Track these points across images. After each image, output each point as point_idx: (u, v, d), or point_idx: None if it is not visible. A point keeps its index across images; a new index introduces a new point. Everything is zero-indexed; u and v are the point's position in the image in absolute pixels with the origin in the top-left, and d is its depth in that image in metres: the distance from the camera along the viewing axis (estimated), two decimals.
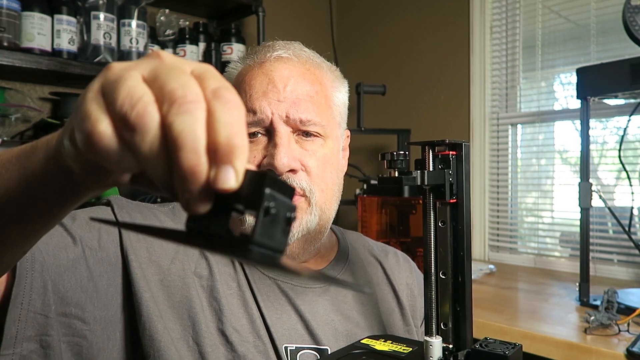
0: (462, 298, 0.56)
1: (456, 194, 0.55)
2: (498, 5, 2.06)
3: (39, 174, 0.39)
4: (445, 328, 0.57)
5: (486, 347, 0.53)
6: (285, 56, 0.75)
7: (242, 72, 0.77)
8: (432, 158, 0.55)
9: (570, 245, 1.87)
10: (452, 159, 0.55)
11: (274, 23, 2.13)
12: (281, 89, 0.71)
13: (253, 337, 0.67)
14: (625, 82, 1.25)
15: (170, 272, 0.68)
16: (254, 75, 0.73)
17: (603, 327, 1.11)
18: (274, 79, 0.72)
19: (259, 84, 0.72)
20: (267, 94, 0.71)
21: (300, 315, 0.72)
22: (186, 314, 0.66)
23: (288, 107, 0.70)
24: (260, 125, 0.71)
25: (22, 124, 1.56)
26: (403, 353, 0.60)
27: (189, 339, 0.65)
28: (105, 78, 0.31)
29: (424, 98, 2.24)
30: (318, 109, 0.73)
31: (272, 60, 0.74)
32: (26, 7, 1.44)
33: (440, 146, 0.55)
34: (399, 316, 0.83)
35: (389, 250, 0.92)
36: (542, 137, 2.00)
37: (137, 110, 0.28)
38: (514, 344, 0.53)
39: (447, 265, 0.57)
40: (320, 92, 0.75)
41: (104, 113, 0.30)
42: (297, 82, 0.73)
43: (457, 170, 0.55)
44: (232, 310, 0.68)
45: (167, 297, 0.66)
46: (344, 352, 0.61)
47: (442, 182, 0.55)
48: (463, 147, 0.55)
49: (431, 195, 0.56)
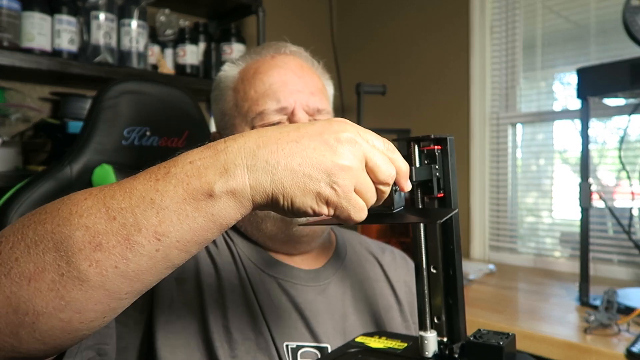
0: (454, 291, 0.57)
1: (443, 188, 0.56)
2: (498, 5, 2.06)
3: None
4: (438, 322, 0.58)
5: (480, 338, 0.54)
6: (296, 50, 0.81)
7: (252, 65, 0.79)
8: (418, 154, 0.56)
9: (570, 246, 1.87)
10: (438, 154, 0.55)
11: (274, 23, 2.13)
12: (298, 80, 0.76)
13: (255, 335, 0.68)
14: (625, 82, 1.25)
15: (184, 270, 0.70)
16: (270, 67, 0.77)
17: (603, 327, 1.11)
18: (291, 70, 0.77)
19: (277, 74, 0.76)
20: (287, 83, 0.75)
21: (301, 313, 0.72)
22: (198, 310, 0.67)
23: (307, 97, 0.75)
24: (283, 113, 0.74)
25: (22, 124, 1.56)
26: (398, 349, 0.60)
27: (202, 334, 0.66)
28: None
29: (423, 98, 2.24)
30: (326, 101, 0.80)
31: (284, 54, 0.79)
32: (26, 7, 1.44)
33: (425, 141, 0.56)
34: (398, 312, 0.83)
35: (386, 248, 0.93)
36: (542, 137, 2.00)
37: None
38: (508, 334, 0.54)
39: (438, 259, 0.58)
40: (323, 88, 0.81)
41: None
42: (309, 75, 0.78)
43: (443, 164, 0.55)
44: (235, 307, 0.69)
45: (181, 294, 0.67)
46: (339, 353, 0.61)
47: (430, 177, 0.55)
48: (448, 141, 0.55)
49: (419, 190, 0.56)
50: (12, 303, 0.40)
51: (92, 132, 1.01)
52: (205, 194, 0.41)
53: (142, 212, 0.41)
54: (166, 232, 0.41)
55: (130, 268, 0.41)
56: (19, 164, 1.45)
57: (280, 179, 0.42)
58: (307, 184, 0.42)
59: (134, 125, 1.06)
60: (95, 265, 0.40)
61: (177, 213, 0.41)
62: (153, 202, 0.41)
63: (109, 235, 0.40)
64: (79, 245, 0.40)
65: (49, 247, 0.41)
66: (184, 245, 0.43)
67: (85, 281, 0.40)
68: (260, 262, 0.75)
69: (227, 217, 0.43)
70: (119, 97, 1.04)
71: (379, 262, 0.88)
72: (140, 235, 0.41)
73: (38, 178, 0.96)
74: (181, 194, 0.41)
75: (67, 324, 0.42)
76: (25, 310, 0.40)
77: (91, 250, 0.40)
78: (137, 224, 0.41)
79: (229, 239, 0.77)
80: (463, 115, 2.11)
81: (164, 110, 1.11)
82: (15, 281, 0.40)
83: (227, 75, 0.82)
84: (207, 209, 0.42)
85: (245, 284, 0.71)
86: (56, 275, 0.40)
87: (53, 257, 0.40)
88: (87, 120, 1.03)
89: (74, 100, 1.57)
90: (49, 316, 0.41)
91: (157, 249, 0.41)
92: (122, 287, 0.42)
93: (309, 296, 0.75)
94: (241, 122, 0.76)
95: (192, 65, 1.87)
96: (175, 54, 1.87)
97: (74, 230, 0.41)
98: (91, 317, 0.42)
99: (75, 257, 0.40)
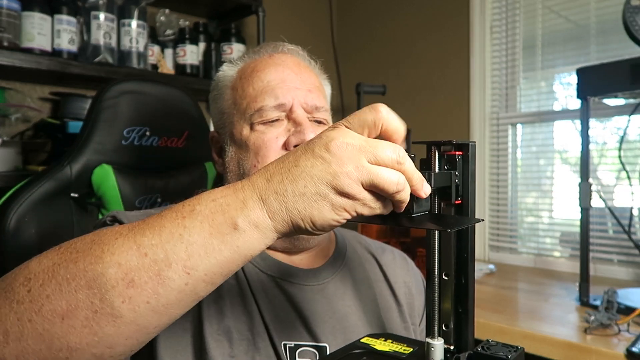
0: (465, 300, 0.56)
1: (462, 195, 0.55)
2: (498, 5, 2.06)
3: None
4: (447, 329, 0.57)
5: (488, 349, 0.53)
6: (293, 49, 0.82)
7: (250, 64, 0.80)
8: (438, 158, 0.55)
9: (570, 245, 1.87)
10: (459, 160, 0.54)
11: (274, 23, 2.13)
12: (296, 77, 0.77)
13: (253, 335, 0.67)
14: (625, 82, 1.25)
15: None
16: (268, 65, 0.78)
17: (603, 327, 1.11)
18: (289, 67, 0.78)
19: (274, 72, 0.77)
20: (285, 80, 0.76)
21: (299, 312, 0.72)
22: (196, 309, 0.67)
23: (305, 94, 0.76)
24: (282, 110, 0.75)
25: (22, 124, 1.56)
26: (404, 354, 0.59)
27: (196, 333, 0.66)
28: None
29: (423, 98, 2.24)
30: (324, 99, 0.80)
31: (282, 53, 0.81)
32: (26, 7, 1.44)
33: (447, 146, 0.55)
34: (397, 313, 0.83)
35: (386, 248, 0.93)
36: (542, 137, 2.00)
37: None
38: (517, 347, 0.53)
39: (450, 266, 0.56)
40: (321, 85, 0.82)
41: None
42: (307, 73, 0.79)
43: (464, 170, 0.54)
44: (232, 307, 0.69)
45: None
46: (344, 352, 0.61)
47: (448, 183, 0.54)
48: (470, 147, 0.54)
49: (436, 196, 0.56)
50: (46, 340, 0.41)
51: (91, 132, 1.01)
52: (230, 228, 0.44)
53: (172, 248, 0.43)
54: (195, 265, 0.43)
55: (160, 302, 0.43)
56: (19, 164, 1.45)
57: (294, 205, 0.44)
58: (319, 202, 0.44)
59: (134, 125, 1.06)
60: (129, 302, 0.42)
61: (204, 247, 0.43)
62: (182, 238, 0.43)
63: (141, 271, 0.42)
64: (112, 282, 0.42)
65: (81, 284, 0.42)
66: (211, 278, 0.45)
67: (118, 317, 0.42)
68: (258, 262, 0.75)
69: (252, 248, 0.45)
70: (118, 97, 1.04)
71: (379, 262, 0.88)
72: (171, 270, 0.43)
73: (38, 178, 0.96)
74: (207, 229, 0.44)
75: (98, 358, 0.43)
76: (60, 346, 0.42)
77: (124, 286, 0.42)
78: (168, 259, 0.43)
79: None
80: (463, 115, 2.11)
81: (163, 110, 1.11)
82: (47, 318, 0.42)
83: (226, 75, 0.83)
84: (232, 242, 0.44)
85: (242, 283, 0.71)
86: (90, 312, 0.42)
87: (86, 295, 0.42)
88: (86, 120, 1.02)
89: (74, 100, 1.56)
90: (82, 352, 0.42)
91: (187, 282, 0.43)
92: (152, 322, 0.44)
93: (308, 295, 0.74)
94: (239, 119, 0.76)
95: (192, 65, 1.87)
96: (175, 54, 1.87)
97: (107, 267, 0.42)
98: (120, 351, 0.44)
99: (109, 294, 0.42)
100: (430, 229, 0.54)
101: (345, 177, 0.43)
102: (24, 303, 0.43)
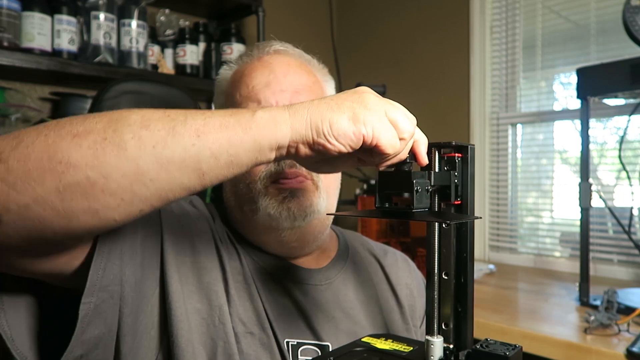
0: (464, 299, 0.57)
1: (461, 196, 0.56)
2: (498, 5, 2.06)
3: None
4: (446, 328, 0.57)
5: (487, 347, 0.53)
6: (282, 49, 0.80)
7: (240, 69, 0.80)
8: (438, 159, 0.56)
9: (570, 245, 1.87)
10: (458, 161, 0.55)
11: (274, 23, 2.13)
12: (282, 79, 0.75)
13: (258, 330, 0.68)
14: (625, 82, 1.25)
15: (200, 255, 0.70)
16: (255, 68, 0.77)
17: (603, 327, 1.11)
18: (274, 69, 0.76)
19: (260, 75, 0.76)
20: (270, 84, 0.75)
21: (302, 311, 0.73)
22: (213, 295, 0.67)
23: (290, 96, 0.74)
24: None
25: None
26: (404, 352, 0.60)
27: (215, 320, 0.66)
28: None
29: (423, 98, 2.24)
30: (316, 97, 0.77)
31: (271, 54, 0.79)
32: (26, 7, 1.44)
33: (447, 148, 0.56)
34: (399, 315, 0.83)
35: (388, 250, 0.93)
36: (542, 137, 2.00)
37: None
38: (515, 346, 0.54)
39: (450, 266, 0.57)
40: (316, 83, 0.79)
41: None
42: (296, 73, 0.77)
43: (463, 172, 0.56)
44: (241, 301, 0.69)
45: (197, 279, 0.67)
46: (345, 350, 0.61)
47: (448, 183, 0.55)
48: (469, 149, 0.55)
49: (436, 196, 0.56)
50: (50, 150, 0.44)
51: None
52: (249, 115, 0.49)
53: (192, 116, 0.48)
54: (206, 131, 0.47)
55: (164, 154, 0.45)
56: None
57: (317, 108, 0.50)
58: (341, 107, 0.50)
59: None
60: (137, 140, 0.45)
61: (220, 123, 0.48)
62: (204, 113, 0.48)
63: (158, 122, 0.46)
64: (130, 122, 0.46)
65: (103, 120, 0.46)
66: (217, 149, 0.47)
67: (123, 150, 0.44)
68: (264, 261, 0.75)
69: (264, 135, 0.48)
70: (119, 97, 1.04)
71: (381, 264, 0.88)
72: (184, 128, 0.46)
73: None
74: (229, 113, 0.49)
75: (89, 187, 0.44)
76: (60, 159, 0.44)
77: (138, 127, 0.46)
78: (185, 120, 0.47)
79: (235, 241, 0.76)
80: (463, 115, 2.11)
81: None
82: (61, 135, 0.45)
83: (221, 78, 0.84)
84: (247, 123, 0.48)
85: (249, 280, 0.72)
86: (99, 137, 0.45)
87: (103, 126, 0.45)
88: None
89: (74, 100, 1.57)
90: (78, 170, 0.44)
91: (194, 143, 0.46)
92: (150, 171, 0.45)
93: (311, 294, 0.75)
94: None
95: (192, 65, 1.87)
96: (175, 54, 1.87)
97: (132, 114, 0.47)
98: (112, 189, 0.45)
99: (123, 129, 0.45)
100: (431, 221, 0.56)
101: (375, 101, 0.51)
102: (49, 127, 0.46)
